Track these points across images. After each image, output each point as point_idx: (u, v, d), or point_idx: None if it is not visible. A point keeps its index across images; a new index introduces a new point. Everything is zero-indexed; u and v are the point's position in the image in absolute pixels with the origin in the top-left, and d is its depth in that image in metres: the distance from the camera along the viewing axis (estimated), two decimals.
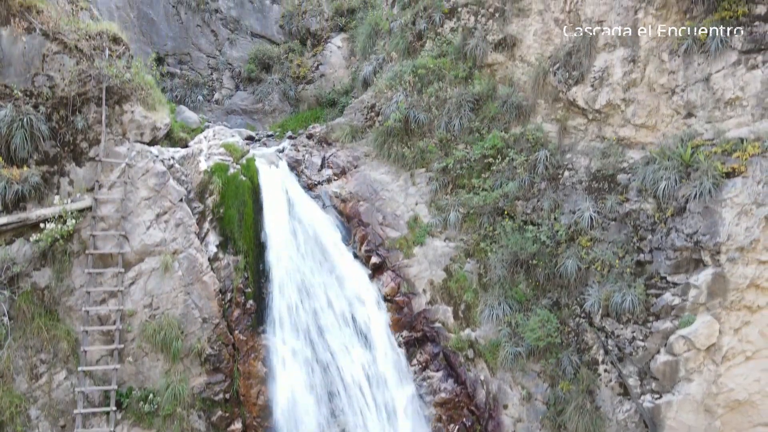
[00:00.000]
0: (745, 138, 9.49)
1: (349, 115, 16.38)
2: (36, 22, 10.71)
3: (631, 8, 11.18)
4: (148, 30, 23.89)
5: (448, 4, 15.29)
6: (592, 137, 12.18)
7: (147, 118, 11.51)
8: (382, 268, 12.94)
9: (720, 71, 9.93)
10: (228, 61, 24.62)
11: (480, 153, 12.97)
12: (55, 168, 10.48)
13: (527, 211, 12.33)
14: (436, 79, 14.58)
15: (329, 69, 24.03)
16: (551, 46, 12.86)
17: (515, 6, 13.40)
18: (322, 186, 14.66)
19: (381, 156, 15.01)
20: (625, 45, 11.44)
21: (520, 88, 13.47)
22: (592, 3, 11.94)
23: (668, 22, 10.92)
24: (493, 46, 13.75)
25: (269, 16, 25.92)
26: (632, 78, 11.30)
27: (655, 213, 10.21)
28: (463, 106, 13.75)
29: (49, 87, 10.59)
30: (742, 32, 9.61)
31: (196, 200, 11.38)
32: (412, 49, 16.11)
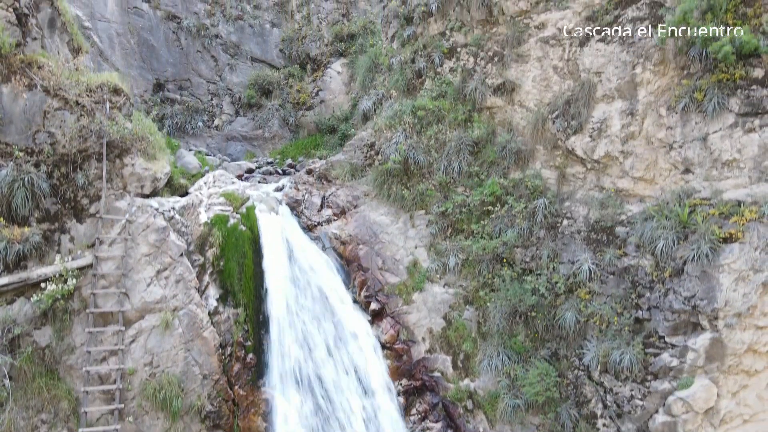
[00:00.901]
0: (742, 201, 9.54)
1: (349, 153, 16.42)
2: (37, 78, 10.77)
3: (629, 63, 11.23)
4: (149, 56, 23.97)
5: (448, 44, 15.35)
6: (591, 186, 12.23)
7: (147, 170, 11.55)
8: (381, 314, 12.99)
9: (717, 132, 9.98)
10: (228, 86, 24.71)
11: (479, 199, 13.02)
12: (56, 225, 10.53)
13: (526, 259, 12.37)
14: (435, 121, 14.63)
15: (329, 95, 24.12)
16: (550, 93, 12.91)
17: (514, 51, 13.45)
18: (321, 227, 14.72)
19: (381, 196, 15.06)
20: (624, 97, 11.49)
21: (519, 132, 13.53)
22: (590, 54, 12.00)
23: (666, 77, 10.98)
24: (492, 90, 13.82)
25: (269, 41, 26.00)
26: (630, 131, 11.35)
27: (653, 271, 10.25)
28: (463, 150, 13.81)
29: (50, 144, 10.63)
30: (740, 95, 9.66)
31: (196, 252, 11.43)
32: (411, 87, 16.16)
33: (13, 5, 10.94)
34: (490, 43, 14.20)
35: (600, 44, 11.82)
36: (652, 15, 11.10)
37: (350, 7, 26.16)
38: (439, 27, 15.84)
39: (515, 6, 13.34)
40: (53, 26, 12.15)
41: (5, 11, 10.80)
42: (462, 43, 15.03)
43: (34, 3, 11.81)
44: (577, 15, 12.50)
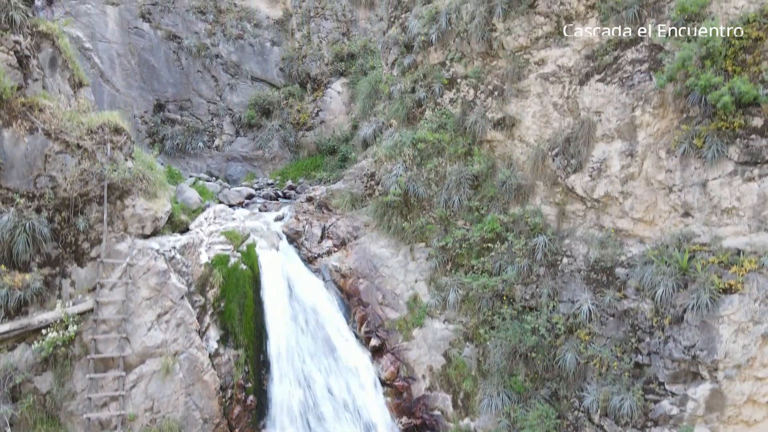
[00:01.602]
0: (742, 250, 9.56)
1: (349, 182, 16.46)
2: (38, 121, 10.80)
3: (629, 105, 11.26)
4: (149, 76, 24.03)
5: (448, 75, 15.39)
6: (591, 224, 12.25)
7: (148, 210, 11.58)
8: (381, 350, 13.01)
9: (717, 179, 10.01)
10: (228, 106, 24.75)
11: (479, 235, 13.04)
12: (57, 270, 10.56)
13: (526, 296, 12.39)
14: (435, 153, 14.67)
15: (329, 115, 24.17)
16: (550, 130, 12.94)
17: (514, 86, 13.48)
18: (322, 259, 14.75)
19: (381, 227, 15.10)
20: (623, 138, 11.51)
21: (519, 167, 13.55)
22: (590, 93, 12.03)
23: (665, 120, 11.00)
24: (493, 124, 13.84)
25: (269, 59, 26.05)
26: (630, 172, 11.37)
27: (653, 317, 10.27)
28: (463, 184, 13.83)
29: (52, 188, 10.66)
30: (739, 144, 9.69)
31: (197, 293, 11.45)
32: (411, 116, 16.20)
33: (14, 48, 10.98)
34: (490, 77, 14.23)
35: (599, 84, 11.84)
36: (652, 58, 11.13)
37: (350, 26, 26.21)
38: (439, 56, 15.88)
39: (515, 41, 13.37)
40: (54, 65, 12.19)
41: (6, 54, 10.84)
42: (462, 74, 15.07)
43: (35, 44, 11.84)
44: (576, 53, 12.53)
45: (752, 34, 9.94)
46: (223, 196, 17.17)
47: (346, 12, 26.31)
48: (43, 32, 11.90)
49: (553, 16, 12.74)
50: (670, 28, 10.92)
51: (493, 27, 13.80)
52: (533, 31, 13.09)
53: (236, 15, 26.16)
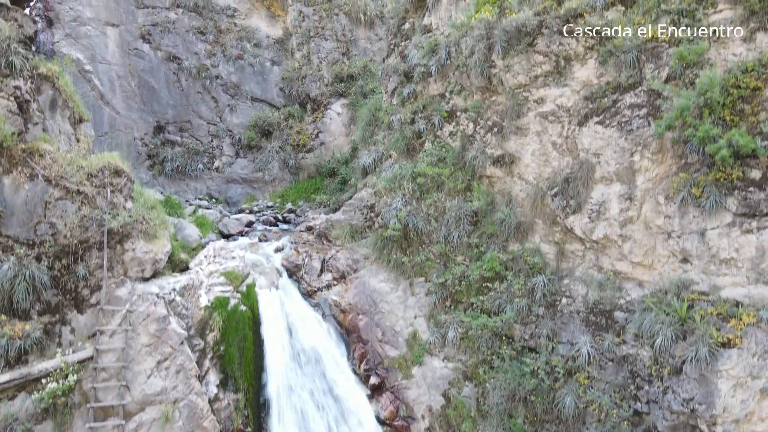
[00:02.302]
0: (740, 302, 9.58)
1: (349, 213, 16.49)
2: (38, 168, 10.82)
3: (628, 150, 11.28)
4: (149, 98, 24.07)
5: (447, 107, 15.42)
6: (590, 265, 12.26)
7: (148, 253, 11.60)
8: (381, 388, 13.02)
9: (715, 229, 10.03)
10: (228, 127, 24.78)
11: (478, 273, 13.05)
12: (57, 317, 10.57)
13: (525, 336, 12.41)
14: (435, 188, 14.69)
15: (329, 137, 24.20)
16: (549, 168, 12.96)
17: (513, 124, 13.50)
18: (322, 292, 14.77)
19: (380, 260, 15.13)
20: (622, 181, 11.53)
21: (518, 204, 13.57)
22: (589, 135, 12.05)
23: (664, 165, 11.03)
24: (492, 160, 13.86)
25: (269, 79, 26.09)
26: (629, 215, 11.38)
27: (652, 365, 10.28)
28: (462, 220, 13.86)
29: (52, 235, 10.68)
30: (737, 195, 9.71)
31: (196, 336, 11.47)
32: (411, 148, 16.23)
33: (14, 94, 11.01)
34: (489, 112, 14.26)
35: (598, 126, 11.87)
36: (650, 104, 11.15)
37: (350, 46, 26.25)
38: (438, 88, 15.91)
39: (514, 79, 13.39)
40: (54, 107, 12.22)
41: (7, 101, 10.87)
42: (462, 107, 15.10)
43: (36, 86, 11.88)
44: (575, 93, 12.56)
45: (750, 83, 9.96)
46: (222, 225, 17.19)
47: (346, 31, 26.36)
48: (43, 74, 11.93)
49: (552, 55, 12.77)
50: (669, 73, 10.97)
51: (492, 63, 13.83)
52: (532, 69, 13.12)
53: (236, 35, 26.20)
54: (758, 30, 10.36)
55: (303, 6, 26.63)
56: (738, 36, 10.59)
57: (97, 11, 24.42)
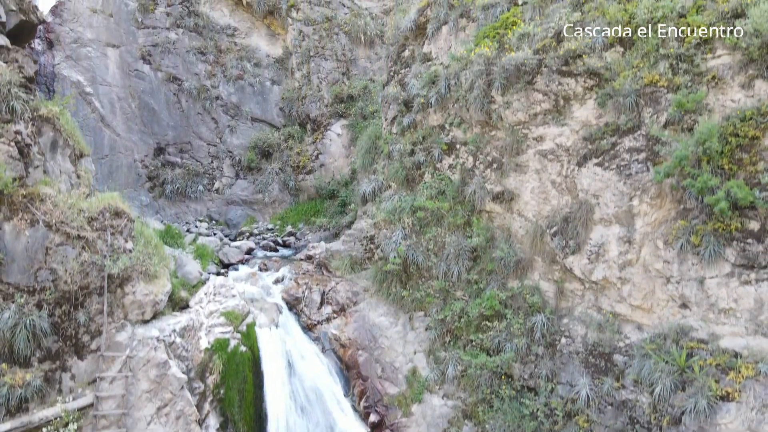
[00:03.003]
0: (739, 353, 9.60)
1: (348, 243, 16.52)
2: (39, 213, 10.85)
3: (627, 194, 11.31)
4: (150, 120, 24.11)
5: (447, 139, 15.46)
6: (589, 305, 12.28)
7: (148, 295, 11.62)
8: (380, 426, 13.04)
9: (714, 278, 10.05)
10: (228, 148, 24.83)
11: (477, 311, 13.08)
12: (57, 364, 10.60)
13: (524, 376, 12.43)
14: (434, 221, 14.72)
15: (329, 158, 24.24)
16: (548, 206, 12.99)
17: (513, 160, 13.54)
18: (321, 326, 14.80)
19: (380, 293, 15.16)
20: (621, 224, 11.56)
21: (517, 240, 13.60)
22: (588, 176, 12.08)
23: (663, 209, 11.05)
24: (492, 196, 13.89)
25: (269, 99, 26.14)
26: (628, 258, 11.41)
27: (651, 413, 10.30)
28: (462, 256, 13.89)
29: (52, 281, 10.71)
30: (735, 246, 9.73)
31: (197, 379, 11.49)
32: (411, 179, 16.27)
33: (15, 139, 11.04)
34: (489, 147, 14.29)
35: (597, 168, 11.90)
36: (649, 148, 11.18)
37: (350, 65, 26.30)
38: (438, 119, 15.95)
39: (513, 116, 13.43)
40: (55, 148, 12.26)
41: (7, 146, 10.90)
42: (461, 140, 15.13)
43: (37, 128, 11.92)
44: (574, 133, 12.59)
45: (749, 132, 9.99)
46: (223, 254, 17.22)
47: (346, 51, 26.41)
48: (44, 116, 11.97)
49: (551, 94, 12.80)
50: (667, 118, 11.00)
51: (491, 99, 13.87)
52: (532, 107, 13.16)
53: (236, 54, 26.26)
54: (757, 77, 10.38)
55: (303, 25, 26.69)
56: (736, 82, 10.62)
57: (97, 32, 24.50)
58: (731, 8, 10.71)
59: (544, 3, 14.12)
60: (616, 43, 12.21)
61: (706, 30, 10.98)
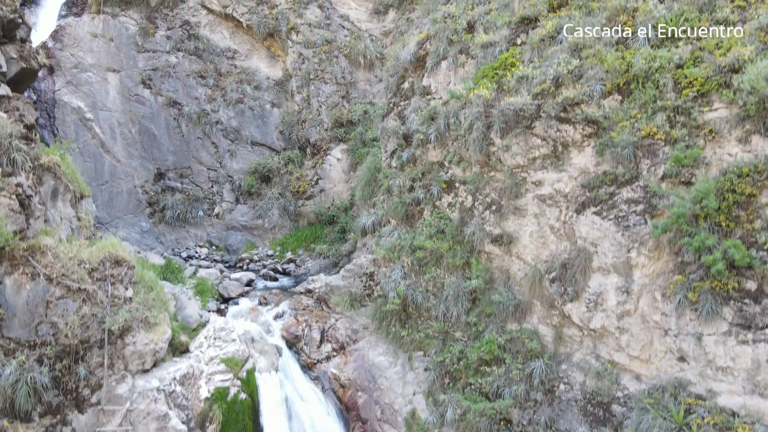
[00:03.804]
0: (736, 412, 9.64)
1: (348, 279, 16.57)
2: (39, 267, 10.91)
3: (624, 246, 11.36)
4: (150, 145, 24.18)
5: (446, 176, 15.51)
6: (588, 351, 12.33)
7: (148, 344, 11.68)
8: None
9: (711, 335, 10.09)
10: (228, 173, 24.89)
11: (476, 355, 13.13)
12: (58, 418, 10.64)
13: (523, 422, 12.47)
14: (434, 261, 14.77)
15: (329, 183, 24.29)
16: (547, 251, 13.04)
17: (512, 204, 13.59)
18: (321, 364, 14.85)
19: (380, 332, 15.22)
20: (619, 273, 11.61)
21: (516, 282, 13.66)
22: (586, 224, 12.13)
23: (660, 261, 11.11)
24: (491, 238, 13.94)
25: (269, 122, 26.22)
26: (626, 308, 11.46)
27: None
28: (461, 298, 13.94)
29: (53, 335, 10.77)
30: (733, 306, 9.78)
31: (196, 429, 11.54)
32: (410, 215, 16.32)
33: (15, 191, 11.10)
34: (488, 188, 14.34)
35: (596, 217, 11.95)
36: (647, 200, 11.24)
37: (350, 88, 26.37)
38: (437, 155, 16.01)
39: (512, 159, 13.49)
40: (56, 196, 12.32)
41: (8, 199, 10.96)
42: (460, 178, 15.19)
43: (37, 177, 11.98)
44: (573, 179, 12.65)
45: (746, 190, 10.05)
46: (223, 288, 17.27)
47: (346, 74, 26.48)
48: (44, 165, 12.04)
49: (549, 140, 12.87)
50: (665, 171, 11.05)
51: (491, 141, 13.93)
52: (530, 151, 13.22)
53: (236, 77, 26.34)
54: (753, 133, 10.45)
55: (303, 48, 26.78)
56: (733, 137, 10.68)
57: (98, 57, 24.58)
58: (728, 63, 10.77)
59: (543, 44, 14.19)
60: (614, 91, 12.28)
61: (703, 83, 11.06)
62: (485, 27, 16.17)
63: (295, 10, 27.42)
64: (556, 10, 14.77)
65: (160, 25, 26.08)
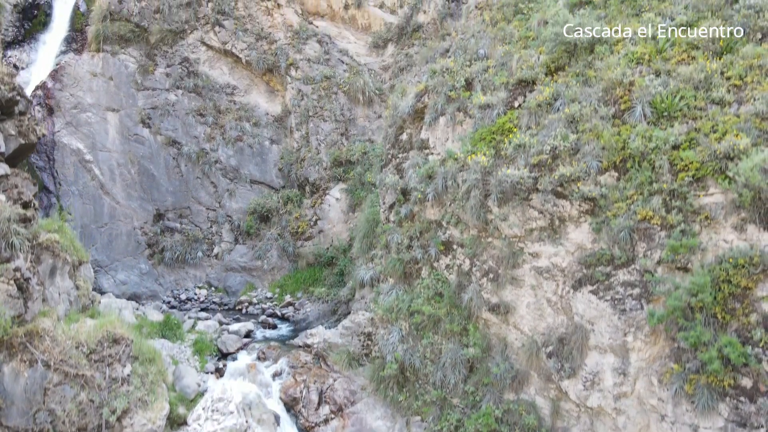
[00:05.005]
0: None
1: (346, 337, 16.60)
2: (38, 353, 10.94)
3: (621, 329, 11.39)
4: (149, 186, 24.24)
5: (444, 237, 15.56)
6: (585, 428, 12.34)
7: (146, 425, 11.71)
8: None
9: (708, 429, 10.11)
10: (227, 213, 24.94)
11: (474, 428, 13.14)
12: None
13: None
14: (431, 325, 14.80)
15: (328, 224, 24.33)
16: (544, 323, 13.07)
17: (509, 273, 13.62)
18: (320, 428, 14.87)
19: (378, 394, 15.22)
20: (616, 354, 11.64)
21: (514, 351, 13.69)
22: (582, 301, 12.16)
23: (657, 346, 11.13)
24: (488, 306, 13.97)
25: (268, 159, 26.28)
26: (623, 390, 11.48)
27: None
28: (458, 365, 13.97)
29: (51, 422, 10.80)
30: (729, 403, 9.80)
31: None
32: (408, 273, 16.36)
33: (14, 277, 11.14)
34: (485, 255, 14.38)
35: (592, 296, 11.97)
36: (643, 284, 11.27)
37: (349, 125, 26.43)
38: (435, 213, 16.05)
39: (510, 229, 13.53)
40: (54, 273, 12.36)
41: (7, 285, 11.00)
42: (458, 240, 15.23)
43: (36, 257, 12.02)
44: (570, 254, 12.69)
45: (741, 282, 10.08)
46: (221, 342, 17.28)
47: (345, 111, 26.55)
48: (43, 244, 12.09)
49: (546, 213, 12.91)
50: (661, 256, 11.08)
51: (488, 209, 13.97)
52: (528, 222, 13.26)
53: (235, 114, 26.40)
54: (749, 222, 10.48)
55: (302, 84, 26.86)
56: (729, 223, 10.72)
57: (97, 96, 24.66)
58: (723, 150, 10.81)
59: (540, 109, 14.23)
60: (611, 168, 12.32)
61: (699, 167, 11.10)
62: (483, 86, 16.23)
63: (294, 46, 27.51)
64: (554, 74, 14.83)
65: (160, 62, 26.16)
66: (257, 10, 27.77)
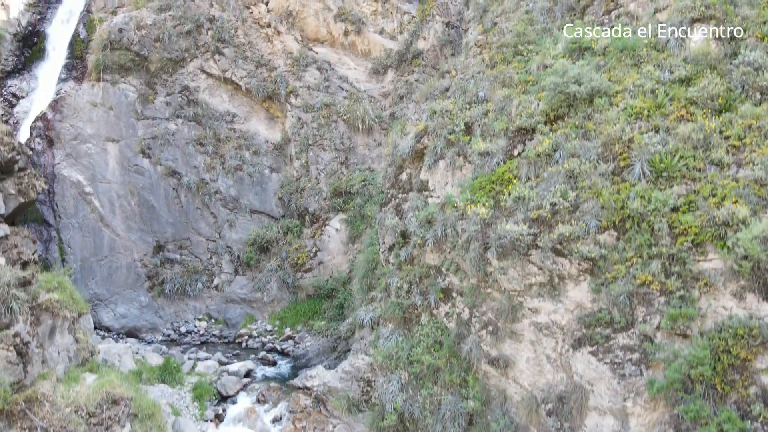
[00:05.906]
0: None
1: (346, 382, 16.60)
2: (37, 420, 10.94)
3: (620, 394, 11.38)
4: (149, 217, 24.25)
5: (444, 284, 15.56)
6: None
7: None
8: None
9: None
10: (227, 244, 24.94)
11: None
12: None
13: None
14: (431, 374, 14.80)
15: (327, 255, 24.33)
16: (543, 379, 13.06)
17: (508, 327, 13.62)
18: None
19: None
20: (615, 417, 11.63)
21: (513, 404, 13.67)
22: (582, 362, 12.14)
23: (656, 412, 11.12)
24: (487, 359, 13.97)
25: (268, 188, 26.29)
26: None
27: None
28: (458, 419, 13.95)
29: None
30: None
31: None
32: (408, 317, 16.37)
33: (13, 342, 11.14)
34: (485, 306, 14.37)
35: (591, 358, 11.97)
36: (643, 349, 11.26)
37: (348, 154, 26.46)
38: (435, 259, 16.05)
39: (509, 283, 13.53)
40: (53, 333, 12.37)
41: (6, 351, 11.00)
42: (458, 288, 15.23)
43: (35, 318, 12.02)
44: (569, 312, 12.68)
45: (740, 354, 10.07)
46: (221, 384, 17.28)
47: (344, 139, 26.58)
48: (42, 306, 12.09)
49: (546, 270, 12.91)
50: (660, 322, 11.08)
51: (488, 261, 13.97)
52: (527, 277, 13.26)
53: (235, 143, 26.43)
54: (748, 290, 10.48)
55: (302, 112, 26.89)
56: (728, 290, 10.72)
57: (98, 127, 24.69)
58: (723, 217, 10.82)
59: (539, 160, 14.24)
60: (610, 227, 12.32)
61: (698, 232, 11.10)
62: (483, 130, 16.24)
63: (294, 73, 27.55)
64: (553, 122, 14.84)
65: (160, 90, 26.19)
66: (257, 37, 27.81)
